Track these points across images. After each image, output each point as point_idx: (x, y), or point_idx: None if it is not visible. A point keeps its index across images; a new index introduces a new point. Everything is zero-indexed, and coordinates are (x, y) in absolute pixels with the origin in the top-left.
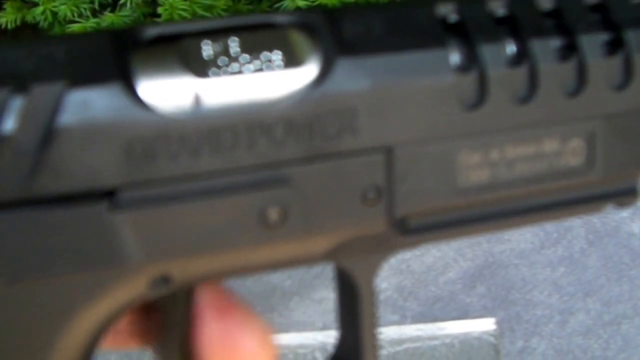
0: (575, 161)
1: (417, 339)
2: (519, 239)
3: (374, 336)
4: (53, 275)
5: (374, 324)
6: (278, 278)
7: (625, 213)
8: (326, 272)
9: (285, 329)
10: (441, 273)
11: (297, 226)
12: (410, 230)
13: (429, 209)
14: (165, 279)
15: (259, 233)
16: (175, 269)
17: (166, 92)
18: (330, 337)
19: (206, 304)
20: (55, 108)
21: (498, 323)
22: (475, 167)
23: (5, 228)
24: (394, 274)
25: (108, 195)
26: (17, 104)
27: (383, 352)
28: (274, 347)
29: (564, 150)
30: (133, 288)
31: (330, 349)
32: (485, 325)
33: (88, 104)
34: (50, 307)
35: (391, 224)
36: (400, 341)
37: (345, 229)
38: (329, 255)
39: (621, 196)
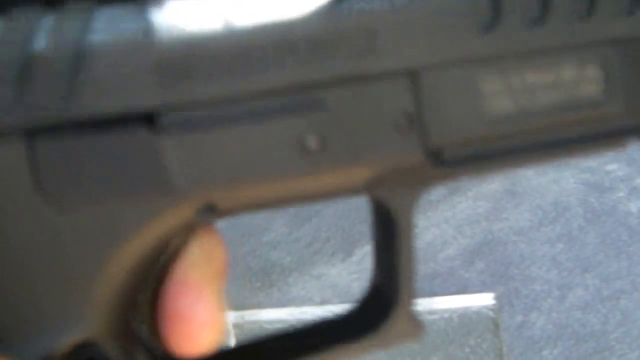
0: (595, 90)
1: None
2: (518, 218)
3: (411, 271)
4: (103, 202)
5: (412, 259)
6: (277, 254)
7: (621, 193)
8: (325, 249)
9: (284, 304)
10: (440, 250)
11: (335, 154)
12: (445, 162)
13: (460, 139)
14: (211, 207)
15: (300, 161)
16: (220, 197)
17: (194, 11)
18: (328, 312)
19: (194, 255)
20: (86, 26)
21: (497, 298)
22: (498, 95)
23: (53, 156)
24: None
25: (148, 119)
26: (48, 22)
27: None
28: (222, 324)
29: (581, 78)
30: (180, 215)
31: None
32: (484, 300)
33: (118, 22)
34: (100, 234)
35: (426, 154)
36: None
37: (382, 158)
38: (367, 188)
39: None
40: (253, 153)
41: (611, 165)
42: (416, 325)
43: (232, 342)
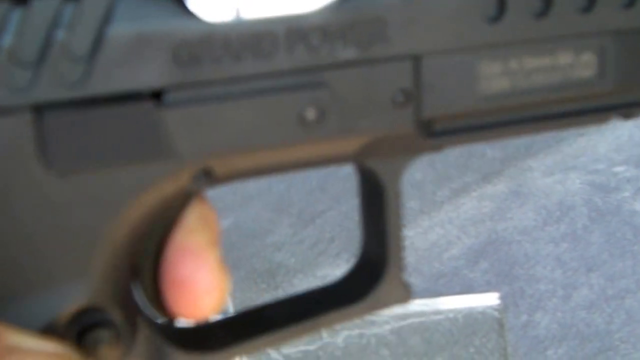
0: (587, 73)
1: (422, 313)
2: (522, 217)
3: (399, 238)
4: (104, 166)
5: (400, 226)
6: (282, 256)
7: (627, 192)
8: (330, 250)
9: None
10: (445, 250)
11: (332, 126)
12: (435, 133)
13: (453, 113)
14: (207, 173)
15: (297, 132)
16: (218, 164)
17: (211, 1)
18: None
19: (191, 221)
20: (107, 15)
21: (502, 298)
22: (496, 76)
23: (59, 124)
24: None
25: (155, 95)
26: (69, 11)
27: (387, 327)
28: (224, 290)
29: (576, 63)
30: (178, 180)
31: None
32: (489, 300)
33: (139, 12)
34: (101, 198)
35: (418, 126)
36: (405, 316)
37: (377, 129)
38: (358, 156)
39: (628, 108)
40: (253, 123)
41: (619, 167)
42: (405, 289)
43: None
